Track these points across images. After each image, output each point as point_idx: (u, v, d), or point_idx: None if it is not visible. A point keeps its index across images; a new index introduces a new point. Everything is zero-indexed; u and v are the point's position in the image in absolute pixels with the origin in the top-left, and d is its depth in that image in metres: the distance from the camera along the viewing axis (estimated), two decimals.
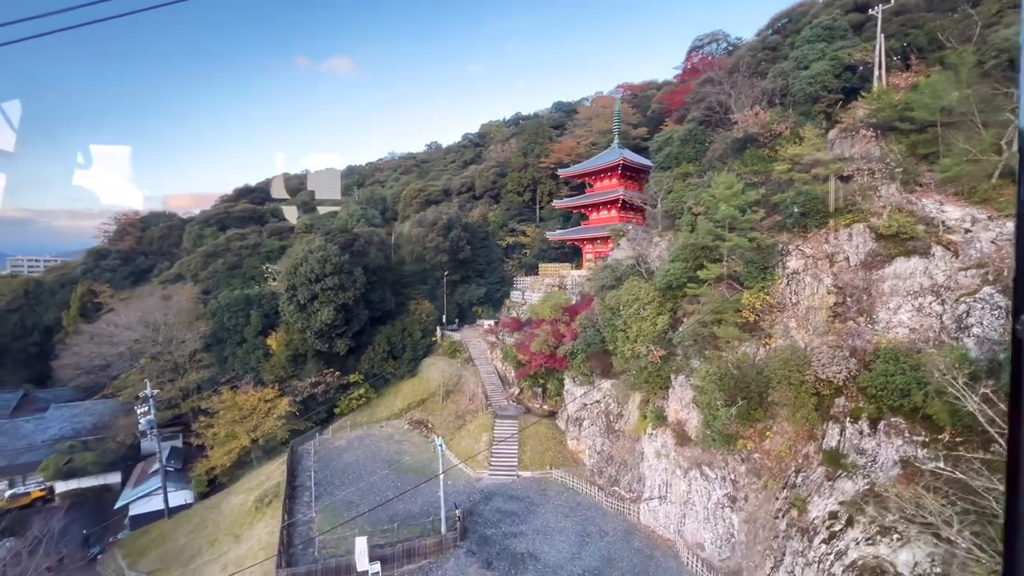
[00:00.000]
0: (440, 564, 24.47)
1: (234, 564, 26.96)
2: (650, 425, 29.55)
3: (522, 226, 67.95)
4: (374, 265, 50.17)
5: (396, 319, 51.81)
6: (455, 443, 38.86)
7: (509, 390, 45.14)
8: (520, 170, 72.48)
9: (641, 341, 30.06)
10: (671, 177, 40.93)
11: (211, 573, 27.36)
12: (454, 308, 58.65)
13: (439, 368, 50.52)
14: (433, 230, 54.88)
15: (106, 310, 69.93)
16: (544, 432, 37.94)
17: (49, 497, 45.06)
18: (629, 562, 24.48)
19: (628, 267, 37.58)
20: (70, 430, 51.99)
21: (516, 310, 57.63)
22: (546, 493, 31.73)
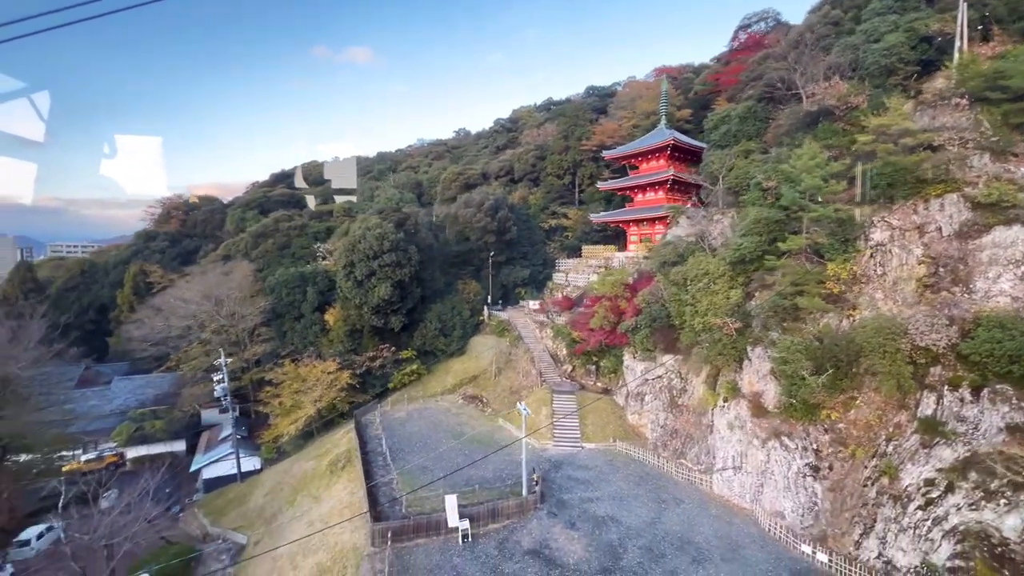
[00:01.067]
0: (523, 524, 25.15)
1: (319, 521, 28.11)
2: (721, 398, 29.67)
3: (563, 209, 67.94)
4: (424, 244, 50.90)
5: (445, 298, 52.59)
6: (514, 417, 39.48)
7: (561, 367, 45.55)
8: (561, 153, 72.26)
9: (713, 314, 30.10)
10: (731, 155, 40.51)
11: (296, 529, 28.56)
12: (499, 289, 59.20)
13: (488, 346, 51.28)
14: (481, 210, 55.30)
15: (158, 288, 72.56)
16: (603, 407, 38.34)
17: (121, 462, 47.26)
18: (710, 527, 24.82)
19: (689, 244, 37.49)
20: (134, 401, 54.31)
21: (560, 291, 57.96)
22: (613, 463, 32.19)
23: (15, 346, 34.60)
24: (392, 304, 45.56)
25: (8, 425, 32.40)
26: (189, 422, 51.95)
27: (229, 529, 31.76)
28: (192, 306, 47.73)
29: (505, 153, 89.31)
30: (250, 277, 52.01)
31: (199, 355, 48.93)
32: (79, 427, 49.10)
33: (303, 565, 24.60)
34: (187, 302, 47.87)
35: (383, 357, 45.44)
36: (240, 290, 48.43)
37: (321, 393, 41.28)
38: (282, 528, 29.76)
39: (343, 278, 46.10)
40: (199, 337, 49.20)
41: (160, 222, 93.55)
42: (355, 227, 47.78)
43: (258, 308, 47.33)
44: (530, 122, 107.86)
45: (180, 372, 52.35)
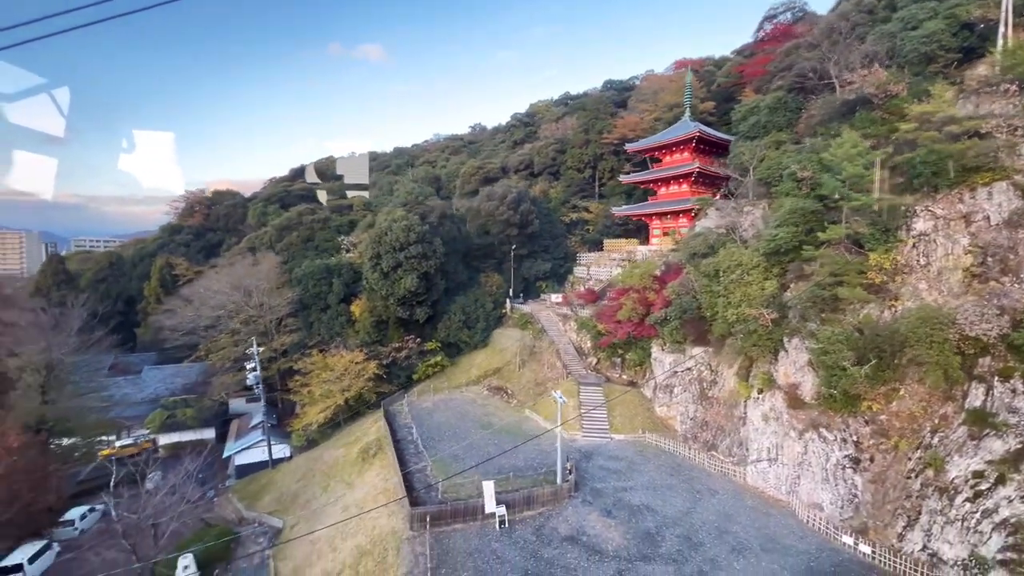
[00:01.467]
0: (559, 511, 25.29)
1: (354, 506, 28.56)
2: (755, 389, 29.45)
3: (584, 202, 67.71)
4: (448, 237, 51.15)
5: (468, 291, 52.82)
6: (541, 407, 39.70)
7: (586, 360, 45.55)
8: (581, 147, 71.94)
9: (747, 305, 29.83)
10: (761, 146, 39.99)
11: (331, 514, 29.05)
12: (520, 282, 59.27)
13: (511, 339, 51.45)
14: (503, 203, 55.36)
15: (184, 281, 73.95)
16: (629, 399, 38.30)
17: (154, 448, 48.44)
18: (747, 517, 24.71)
19: (720, 236, 37.16)
20: (164, 390, 55.60)
21: (582, 284, 57.89)
22: (643, 454, 32.18)
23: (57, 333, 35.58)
24: (418, 296, 45.90)
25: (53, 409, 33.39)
26: (218, 411, 53.05)
27: (264, 513, 32.40)
28: (222, 296, 48.57)
29: (523, 147, 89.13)
30: (277, 269, 52.71)
31: (227, 345, 49.85)
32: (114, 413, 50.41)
33: (342, 548, 25.03)
34: (217, 292, 48.72)
35: (408, 348, 45.85)
36: (268, 281, 49.16)
37: (349, 383, 41.82)
38: (317, 513, 30.28)
39: (369, 269, 46.55)
40: (228, 327, 50.08)
41: (184, 216, 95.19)
42: (381, 219, 48.17)
43: (286, 299, 48.00)
44: (547, 116, 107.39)
45: (208, 362, 53.42)
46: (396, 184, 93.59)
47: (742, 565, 21.10)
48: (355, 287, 50.90)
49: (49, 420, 33.28)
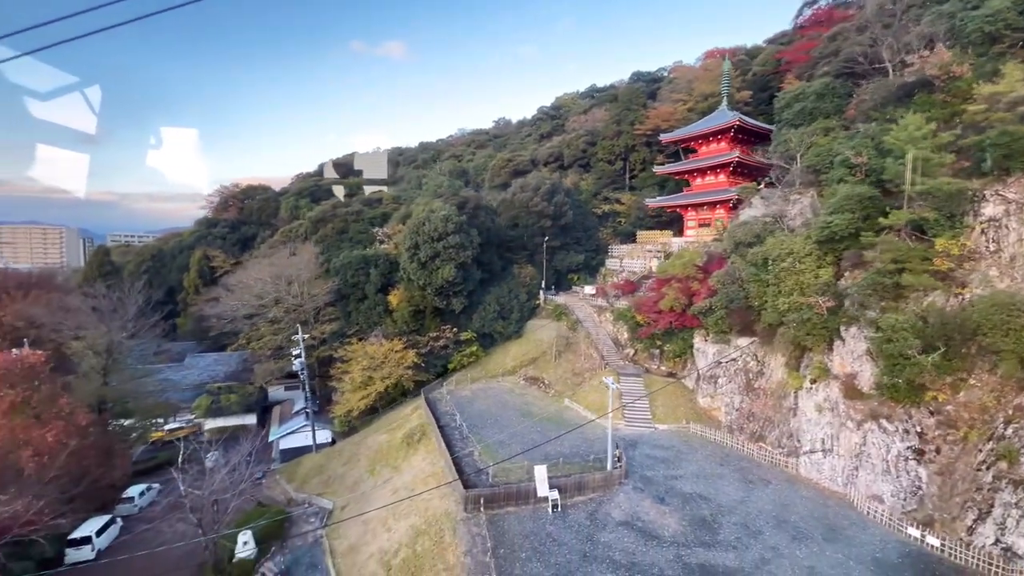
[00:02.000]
0: (610, 497, 25.26)
1: (404, 489, 29.05)
2: (808, 379, 28.87)
3: (616, 194, 67.10)
4: (483, 228, 51.29)
5: (502, 282, 52.96)
6: (580, 397, 39.67)
7: (623, 351, 45.29)
8: (612, 138, 71.27)
9: (799, 294, 29.23)
10: (809, 133, 38.99)
11: (381, 496, 29.58)
12: (552, 274, 59.14)
13: (545, 330, 51.46)
14: (537, 194, 55.26)
15: (221, 272, 76.00)
16: (671, 389, 37.96)
17: (199, 432, 50.02)
18: (804, 508, 24.29)
19: (767, 224, 36.43)
20: (207, 376, 57.29)
21: (614, 277, 57.51)
22: (689, 444, 31.89)
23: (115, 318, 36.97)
24: (455, 286, 46.24)
25: (112, 391, 34.76)
26: (258, 397, 54.50)
27: (313, 495, 33.18)
28: (264, 285, 49.74)
29: (551, 140, 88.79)
30: (315, 259, 53.66)
31: (267, 334, 51.09)
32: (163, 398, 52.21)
33: (396, 528, 25.48)
34: (258, 280, 49.90)
35: (446, 338, 46.24)
36: (307, 271, 50.14)
37: (389, 371, 42.44)
38: (366, 495, 30.88)
39: (407, 259, 47.06)
40: (268, 317, 51.30)
41: (218, 210, 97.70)
42: (418, 210, 48.61)
43: (325, 289, 48.87)
44: (574, 109, 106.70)
45: (248, 351, 54.88)
46: (424, 178, 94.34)
47: (804, 553, 20.76)
48: (392, 277, 51.53)
49: (108, 401, 34.65)
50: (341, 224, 64.32)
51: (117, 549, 29.50)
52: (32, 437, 26.87)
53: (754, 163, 52.13)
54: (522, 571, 20.07)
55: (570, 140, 77.92)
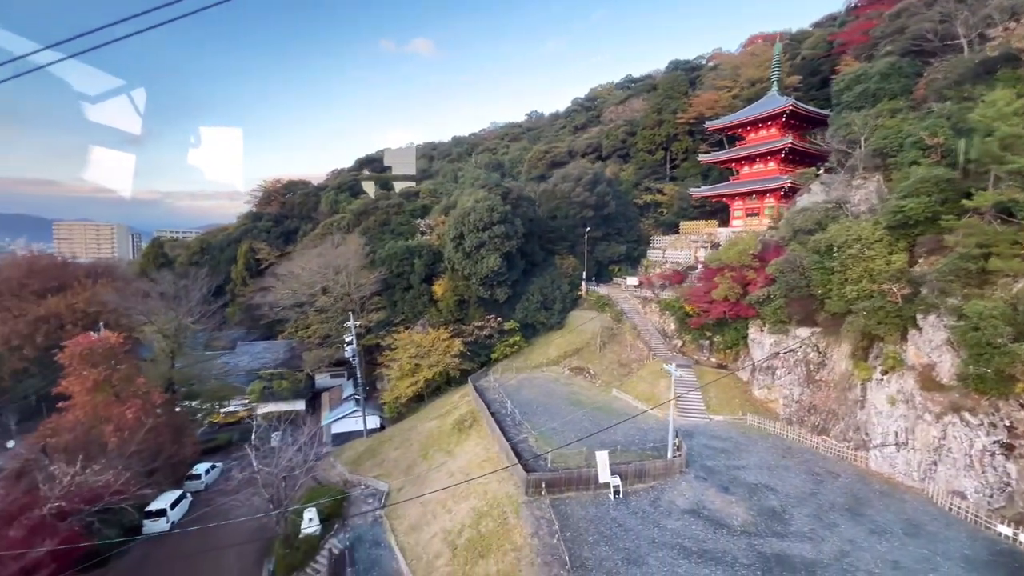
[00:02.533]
0: (672, 485, 24.91)
1: (459, 472, 29.40)
2: (879, 370, 27.67)
3: (657, 184, 65.86)
4: (525, 218, 51.22)
5: (544, 272, 52.83)
6: (629, 388, 39.28)
7: (670, 342, 44.55)
8: (653, 127, 69.91)
9: (868, 281, 28.03)
10: (873, 115, 37.21)
11: (436, 479, 30.06)
12: (593, 265, 58.60)
13: (588, 321, 51.10)
14: (579, 184, 54.79)
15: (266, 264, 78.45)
16: (724, 381, 37.14)
17: (252, 416, 51.97)
18: (879, 502, 23.34)
19: (828, 210, 35.05)
20: (257, 363, 59.31)
21: (657, 268, 56.59)
22: (747, 436, 31.13)
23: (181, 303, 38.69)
24: (499, 275, 46.38)
25: (179, 374, 36.43)
26: (306, 384, 56.13)
27: (369, 477, 33.98)
28: (312, 275, 51.09)
29: (588, 131, 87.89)
30: (360, 250, 54.69)
31: (316, 323, 52.47)
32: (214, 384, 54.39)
33: (456, 509, 25.82)
34: (308, 270, 51.28)
35: (490, 327, 46.49)
36: (354, 261, 51.20)
37: (437, 359, 42.99)
38: (421, 478, 31.42)
39: (452, 249, 47.47)
40: (315, 306, 52.70)
41: (262, 204, 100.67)
42: (463, 200, 48.92)
43: (371, 279, 49.79)
44: (610, 100, 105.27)
45: (296, 339, 56.55)
46: (460, 172, 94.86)
47: (886, 548, 19.95)
48: (435, 267, 52.13)
49: (176, 383, 36.32)
50: (383, 216, 65.38)
51: (187, 523, 31.02)
52: (113, 414, 28.45)
53: (808, 149, 50.27)
54: (591, 554, 20.01)
55: (609, 130, 76.87)
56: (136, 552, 27.65)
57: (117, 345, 30.15)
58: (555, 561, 19.70)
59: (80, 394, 28.99)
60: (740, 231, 50.63)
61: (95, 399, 29.03)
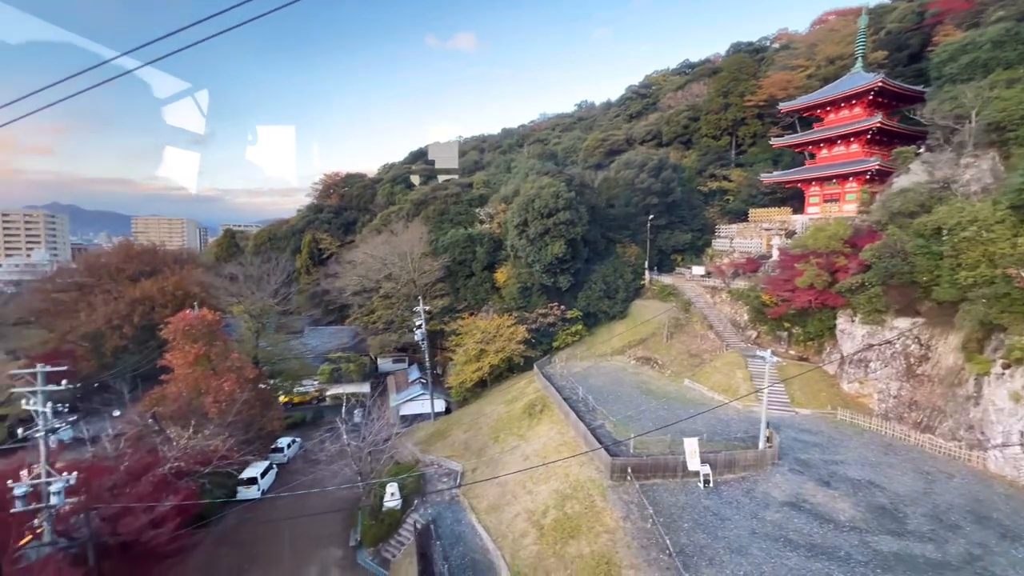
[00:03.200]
0: (765, 477, 23.79)
1: (535, 456, 29.36)
2: (999, 364, 25.21)
3: (724, 171, 63.12)
4: (589, 205, 50.42)
5: (606, 261, 51.90)
6: (702, 378, 37.95)
7: (744, 333, 42.68)
8: (718, 112, 66.97)
9: (987, 266, 25.57)
10: (987, 86, 33.84)
11: (511, 462, 30.16)
12: (655, 255, 56.98)
13: (652, 310, 49.82)
14: (643, 171, 53.33)
15: (327, 254, 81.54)
16: (809, 375, 35.09)
17: (321, 397, 54.23)
18: (1007, 506, 21.30)
19: (933, 191, 32.28)
20: (325, 347, 61.79)
21: (724, 257, 54.39)
22: (839, 430, 29.32)
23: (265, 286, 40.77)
24: (563, 262, 45.96)
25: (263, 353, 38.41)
26: (371, 368, 58.00)
27: (441, 457, 34.61)
28: (379, 262, 52.51)
29: (645, 118, 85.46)
30: (423, 237, 55.57)
31: (380, 309, 53.95)
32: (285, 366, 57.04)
33: (537, 491, 25.77)
34: (374, 257, 52.78)
35: (554, 315, 46.17)
36: (417, 248, 52.18)
37: (502, 344, 43.17)
38: (495, 460, 31.65)
39: (515, 236, 47.41)
40: (380, 292, 54.20)
41: (322, 196, 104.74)
42: (526, 187, 48.72)
43: (435, 266, 50.58)
44: (666, 87, 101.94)
45: (360, 324, 58.39)
46: (513, 162, 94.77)
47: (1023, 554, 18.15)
48: (496, 255, 52.35)
49: (260, 361, 38.32)
50: (441, 205, 66.24)
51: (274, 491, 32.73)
52: (211, 386, 30.34)
53: (897, 129, 46.58)
54: (688, 540, 19.39)
55: (670, 116, 74.37)
56: (231, 516, 29.47)
57: (214, 322, 32.13)
58: (652, 545, 19.23)
59: (182, 367, 31.11)
60: (818, 218, 47.72)
61: (195, 372, 31.06)
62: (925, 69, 47.98)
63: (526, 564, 21.20)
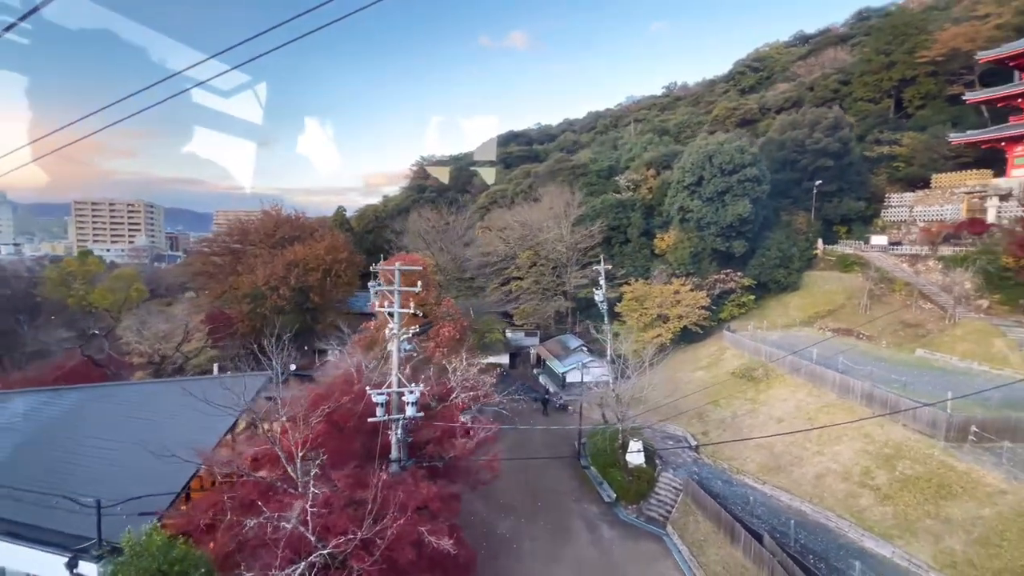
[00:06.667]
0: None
1: (792, 419, 26.23)
2: None
3: (891, 135, 56.98)
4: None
5: (776, 228, 47.67)
6: (944, 347, 33.40)
7: (970, 303, 37.46)
8: (878, 71, 60.70)
9: None
10: None
11: (755, 423, 27.21)
12: (820, 224, 52.02)
13: (831, 281, 45.62)
14: (817, 130, 48.51)
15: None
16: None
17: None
18: None
19: None
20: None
21: (902, 227, 49.01)
22: None
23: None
24: (746, 223, 42.29)
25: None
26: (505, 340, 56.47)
27: (653, 421, 32.01)
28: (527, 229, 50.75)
29: (773, 87, 79.93)
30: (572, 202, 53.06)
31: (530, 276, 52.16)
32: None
33: (830, 453, 22.64)
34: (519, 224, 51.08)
35: (734, 281, 42.60)
36: (573, 211, 49.98)
37: (683, 311, 40.14)
38: (727, 423, 28.96)
39: (686, 197, 44.21)
40: (517, 262, 52.47)
41: (420, 178, 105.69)
42: (695, 147, 45.33)
43: (595, 229, 48.17)
44: (781, 59, 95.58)
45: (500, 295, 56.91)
46: (620, 139, 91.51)
47: None
48: (650, 222, 49.35)
49: None
50: (570, 176, 63.97)
51: None
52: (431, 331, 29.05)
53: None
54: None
55: (814, 81, 68.59)
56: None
57: (426, 268, 31.05)
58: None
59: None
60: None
61: (410, 319, 29.94)
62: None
63: (888, 522, 18.09)
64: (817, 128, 49.05)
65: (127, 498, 13.22)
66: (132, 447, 14.44)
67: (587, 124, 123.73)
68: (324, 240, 53.32)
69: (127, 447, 14.90)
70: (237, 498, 12.75)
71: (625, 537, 22.00)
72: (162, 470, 13.64)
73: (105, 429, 16.75)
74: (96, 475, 14.25)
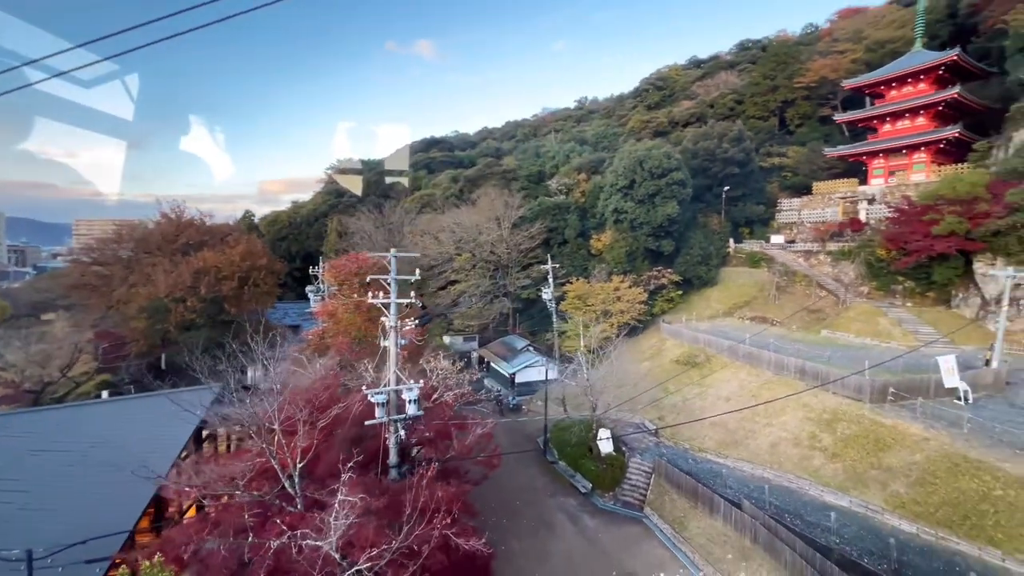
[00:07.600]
0: (1013, 394, 24.07)
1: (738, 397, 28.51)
2: None
3: (780, 148, 65.44)
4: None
5: (695, 229, 52.13)
6: (843, 327, 38.59)
7: (855, 290, 43.87)
8: (766, 93, 69.56)
9: None
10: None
11: (705, 405, 29.15)
12: (728, 226, 57.92)
13: (742, 276, 50.79)
14: (724, 141, 54.08)
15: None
16: (943, 318, 36.50)
17: None
18: None
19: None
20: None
21: (791, 228, 56.42)
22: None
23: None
24: (673, 224, 45.60)
25: None
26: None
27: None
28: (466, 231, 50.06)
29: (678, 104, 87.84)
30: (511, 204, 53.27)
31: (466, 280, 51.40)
32: None
33: (778, 424, 24.92)
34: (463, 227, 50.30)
35: (666, 277, 45.64)
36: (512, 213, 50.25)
37: (624, 307, 42.08)
38: (679, 407, 30.61)
39: (620, 199, 46.66)
40: (454, 266, 51.68)
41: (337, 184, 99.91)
42: (624, 153, 48.13)
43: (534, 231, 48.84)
44: (680, 80, 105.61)
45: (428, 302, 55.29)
46: (542, 147, 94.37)
47: None
48: (586, 223, 51.34)
49: None
50: (501, 180, 64.51)
51: None
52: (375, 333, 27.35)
53: (971, 102, 49.82)
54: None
55: (714, 99, 76.48)
56: None
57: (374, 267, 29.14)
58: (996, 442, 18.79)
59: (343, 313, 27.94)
60: (883, 188, 50.74)
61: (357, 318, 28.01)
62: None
63: (841, 477, 20.22)
64: (724, 139, 54.70)
65: (66, 544, 10.55)
66: (68, 480, 11.56)
67: (507, 132, 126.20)
68: (239, 245, 47.98)
69: (61, 480, 11.89)
70: (226, 524, 10.74)
71: (608, 524, 22.29)
72: (113, 501, 11.09)
73: (27, 464, 13.26)
74: (24, 519, 11.15)
